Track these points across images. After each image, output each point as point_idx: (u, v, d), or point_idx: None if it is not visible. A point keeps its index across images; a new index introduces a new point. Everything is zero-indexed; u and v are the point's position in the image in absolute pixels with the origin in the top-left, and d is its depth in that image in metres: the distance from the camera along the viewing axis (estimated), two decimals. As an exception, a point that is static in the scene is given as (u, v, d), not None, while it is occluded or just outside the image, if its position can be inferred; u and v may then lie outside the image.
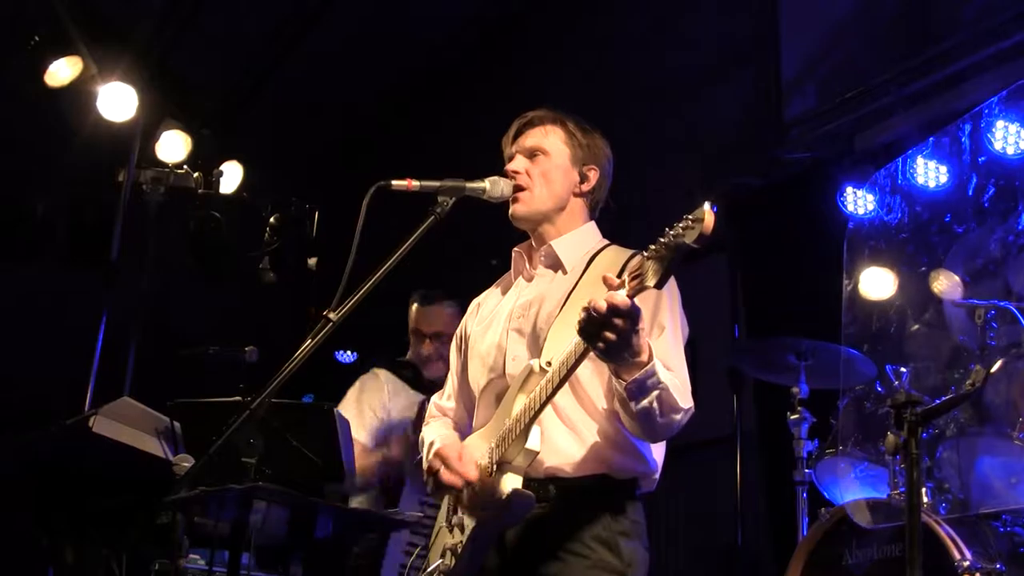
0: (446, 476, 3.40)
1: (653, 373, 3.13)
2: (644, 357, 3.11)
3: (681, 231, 2.87)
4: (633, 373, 3.12)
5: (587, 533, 3.30)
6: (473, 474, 3.37)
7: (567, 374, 3.19)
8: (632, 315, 2.99)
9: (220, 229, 7.11)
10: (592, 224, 3.71)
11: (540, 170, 3.61)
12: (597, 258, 3.56)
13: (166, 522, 4.64)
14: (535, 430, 3.24)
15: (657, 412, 3.19)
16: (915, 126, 6.23)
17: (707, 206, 2.84)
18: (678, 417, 3.25)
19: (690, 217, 2.86)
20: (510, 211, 3.63)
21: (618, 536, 3.32)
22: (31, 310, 8.32)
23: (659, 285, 2.94)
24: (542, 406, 3.23)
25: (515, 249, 3.75)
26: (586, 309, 3.00)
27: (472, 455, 3.42)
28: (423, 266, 3.91)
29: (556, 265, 3.63)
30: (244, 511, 4.03)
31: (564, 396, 3.34)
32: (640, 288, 2.97)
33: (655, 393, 3.16)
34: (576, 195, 3.66)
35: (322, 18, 8.39)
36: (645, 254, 2.96)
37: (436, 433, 3.69)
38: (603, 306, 2.96)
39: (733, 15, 7.76)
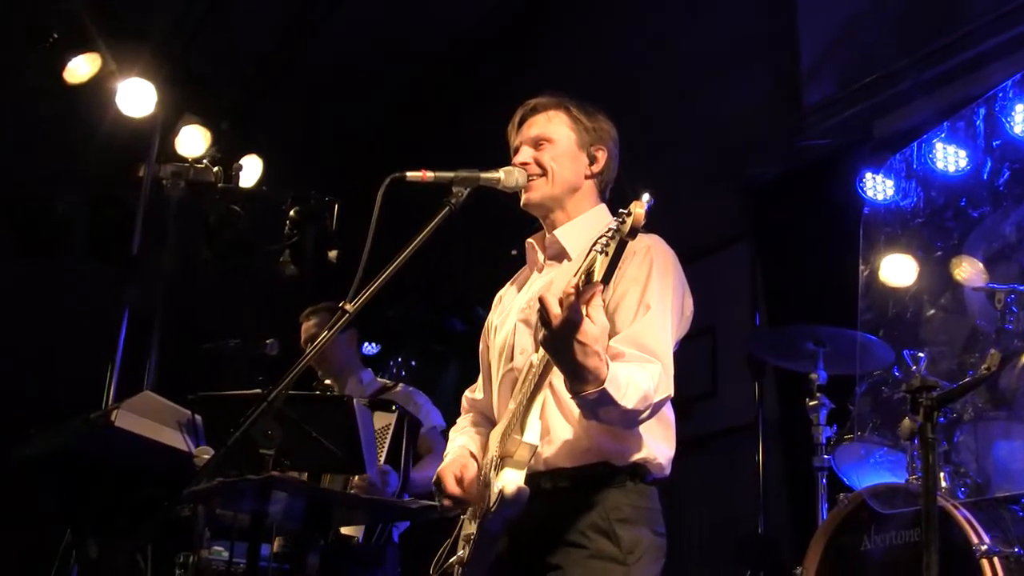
0: (445, 502, 3.47)
1: (607, 399, 3.05)
2: (592, 387, 3.02)
3: (618, 225, 2.86)
4: (585, 390, 3.04)
5: (585, 523, 3.28)
6: (461, 493, 3.42)
7: (544, 371, 3.19)
8: (569, 320, 2.93)
9: (240, 223, 7.15)
10: (602, 207, 3.68)
11: (548, 156, 3.61)
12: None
13: (188, 515, 4.67)
14: (534, 424, 3.22)
15: (613, 421, 3.18)
16: (934, 112, 6.20)
17: (645, 197, 2.86)
18: (644, 415, 3.20)
19: (624, 211, 2.86)
20: (523, 199, 3.61)
21: (616, 523, 3.28)
22: (53, 306, 8.37)
23: (606, 280, 2.89)
24: (529, 400, 3.22)
25: (528, 240, 3.73)
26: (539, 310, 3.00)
27: (469, 467, 3.47)
28: (439, 257, 3.92)
29: (561, 255, 3.61)
30: (263, 502, 4.05)
31: (563, 385, 3.32)
32: (588, 284, 2.93)
33: (610, 413, 3.11)
34: (587, 177, 3.66)
35: (339, 10, 8.42)
36: (596, 249, 2.91)
37: (450, 446, 3.71)
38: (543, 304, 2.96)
39: (752, 2, 7.75)
